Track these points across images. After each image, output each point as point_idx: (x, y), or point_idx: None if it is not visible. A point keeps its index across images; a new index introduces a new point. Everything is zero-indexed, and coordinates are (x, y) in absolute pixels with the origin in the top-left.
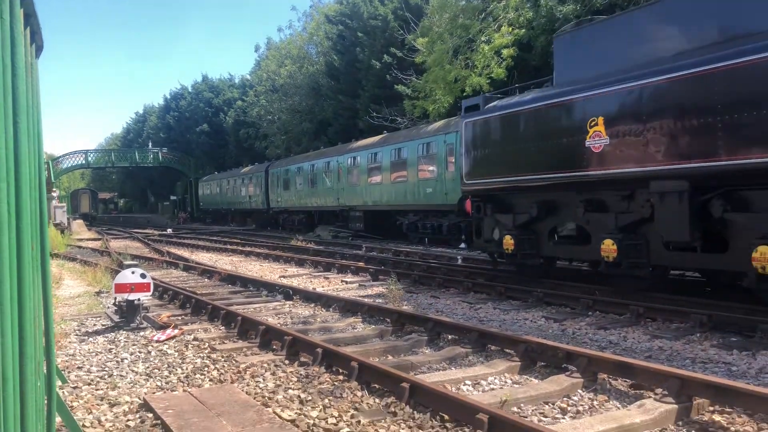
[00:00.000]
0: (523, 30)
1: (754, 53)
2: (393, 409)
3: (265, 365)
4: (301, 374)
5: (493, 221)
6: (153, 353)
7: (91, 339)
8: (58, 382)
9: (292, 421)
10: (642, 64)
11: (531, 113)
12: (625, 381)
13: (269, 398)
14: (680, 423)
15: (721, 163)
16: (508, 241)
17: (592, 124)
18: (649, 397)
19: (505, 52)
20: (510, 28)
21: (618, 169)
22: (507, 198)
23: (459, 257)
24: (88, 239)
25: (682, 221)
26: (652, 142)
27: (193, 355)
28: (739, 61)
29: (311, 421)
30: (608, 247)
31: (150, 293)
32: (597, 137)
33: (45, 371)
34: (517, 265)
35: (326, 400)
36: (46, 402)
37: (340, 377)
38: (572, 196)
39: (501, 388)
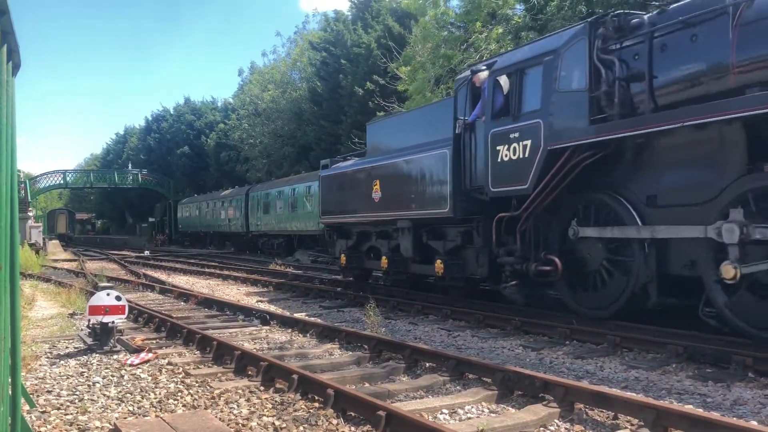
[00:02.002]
0: None
1: (424, 152)
2: None
3: (240, 391)
4: (276, 401)
5: (340, 244)
6: (126, 377)
7: (62, 362)
8: (26, 407)
9: None
10: (396, 149)
11: (349, 174)
12: (602, 411)
13: (243, 425)
14: None
15: (418, 212)
16: (343, 258)
17: (374, 183)
18: (626, 427)
19: None
20: None
21: (385, 213)
22: (343, 228)
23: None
24: (63, 260)
25: (409, 245)
26: (396, 197)
27: (167, 380)
28: (419, 156)
29: None
30: (384, 262)
31: (125, 316)
32: (377, 192)
33: (10, 393)
34: (348, 275)
35: (301, 428)
36: (9, 426)
37: (316, 404)
38: (372, 229)
39: (478, 417)
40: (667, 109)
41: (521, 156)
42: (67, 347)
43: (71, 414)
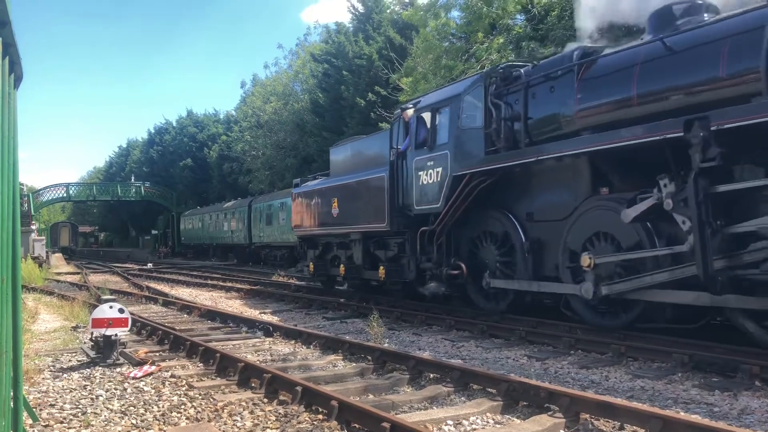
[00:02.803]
0: None
1: (369, 174)
2: None
3: (243, 403)
4: (279, 413)
5: (309, 254)
6: (129, 390)
7: (65, 375)
8: (29, 421)
9: None
10: (350, 170)
11: (315, 192)
12: (608, 421)
13: None
14: None
15: (365, 226)
16: (311, 266)
17: (333, 201)
18: None
19: None
20: None
21: (342, 227)
22: (311, 240)
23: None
24: (66, 273)
25: (359, 253)
26: (350, 213)
27: (170, 393)
28: (365, 178)
29: None
30: (341, 269)
31: (128, 328)
32: (336, 209)
33: (12, 406)
34: (317, 281)
35: None
36: None
37: (320, 416)
38: (333, 240)
39: (483, 428)
40: (538, 144)
41: (435, 180)
42: (70, 360)
43: (74, 428)
